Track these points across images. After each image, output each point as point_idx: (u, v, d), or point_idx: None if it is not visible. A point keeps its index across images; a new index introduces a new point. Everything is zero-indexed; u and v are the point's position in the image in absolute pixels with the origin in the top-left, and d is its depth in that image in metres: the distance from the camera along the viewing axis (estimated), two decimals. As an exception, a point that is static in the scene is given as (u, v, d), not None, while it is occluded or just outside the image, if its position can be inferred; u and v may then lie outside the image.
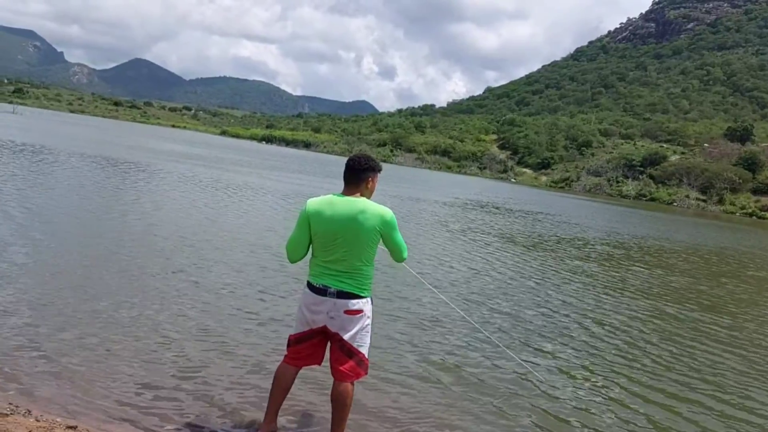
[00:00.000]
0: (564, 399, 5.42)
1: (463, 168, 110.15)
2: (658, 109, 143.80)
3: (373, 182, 3.96)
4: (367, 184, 3.92)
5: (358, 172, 3.89)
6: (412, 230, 16.56)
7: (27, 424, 3.70)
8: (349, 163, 3.92)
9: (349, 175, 3.90)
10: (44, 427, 3.71)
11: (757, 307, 12.03)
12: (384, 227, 3.80)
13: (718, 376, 6.74)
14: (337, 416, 3.91)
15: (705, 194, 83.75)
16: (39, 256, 7.93)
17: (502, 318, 8.03)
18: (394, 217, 3.86)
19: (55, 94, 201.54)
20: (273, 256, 9.98)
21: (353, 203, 3.80)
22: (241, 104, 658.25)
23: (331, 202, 3.82)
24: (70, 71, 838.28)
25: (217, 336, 5.85)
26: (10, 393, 4.17)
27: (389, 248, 3.92)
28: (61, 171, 18.71)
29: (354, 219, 3.74)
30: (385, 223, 3.80)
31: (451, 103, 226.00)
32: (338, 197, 3.85)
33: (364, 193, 3.90)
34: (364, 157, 3.96)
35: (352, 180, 3.89)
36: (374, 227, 3.76)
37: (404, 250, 3.96)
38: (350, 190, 3.88)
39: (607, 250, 18.73)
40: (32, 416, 3.86)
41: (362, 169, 3.89)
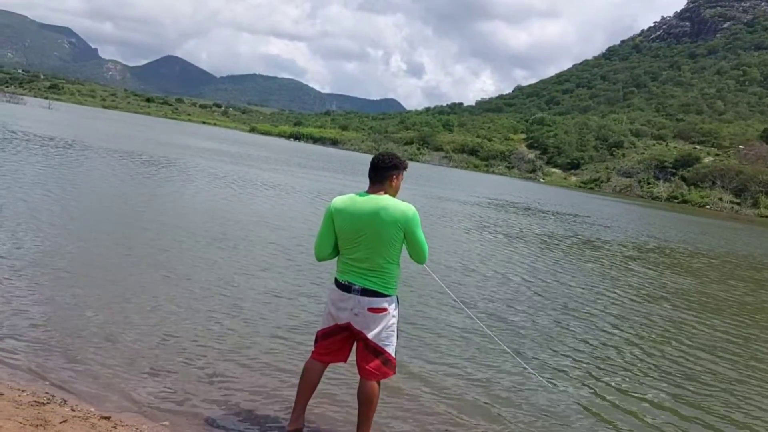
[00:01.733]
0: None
1: (490, 167, 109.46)
2: (692, 109, 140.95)
3: (397, 180, 3.95)
4: (391, 182, 3.91)
5: (383, 170, 3.89)
6: (438, 231, 16.52)
7: (63, 413, 3.79)
8: (374, 161, 3.93)
9: (373, 173, 3.91)
10: (79, 416, 3.79)
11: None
12: (406, 224, 3.76)
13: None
14: (363, 414, 3.93)
15: (739, 197, 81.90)
16: (76, 250, 8.09)
17: (527, 329, 7.96)
18: (417, 215, 3.83)
19: (89, 90, 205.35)
20: (306, 255, 10.04)
21: (376, 201, 3.79)
22: (270, 101, 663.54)
23: (354, 200, 3.83)
24: (103, 67, 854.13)
25: (246, 333, 5.90)
26: (47, 383, 4.27)
27: (409, 246, 3.86)
28: (98, 166, 19.08)
29: (376, 216, 3.74)
30: (407, 219, 3.77)
31: (480, 101, 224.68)
32: (362, 195, 3.86)
33: (389, 191, 3.90)
34: (389, 155, 3.96)
35: (377, 178, 3.89)
36: (396, 224, 3.74)
37: (425, 250, 3.89)
38: (375, 188, 3.89)
39: (652, 256, 18.46)
40: (68, 406, 3.95)
41: (386, 167, 3.89)
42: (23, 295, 5.93)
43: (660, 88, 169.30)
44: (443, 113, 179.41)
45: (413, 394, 5.02)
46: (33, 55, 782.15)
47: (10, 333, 4.98)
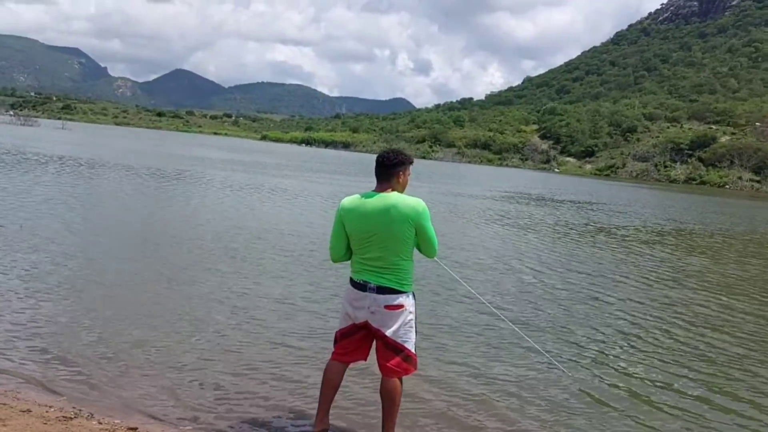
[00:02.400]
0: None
1: (504, 160, 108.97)
2: (705, 89, 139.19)
3: (404, 176, 3.93)
4: (398, 179, 3.89)
5: (388, 168, 3.87)
6: (453, 226, 16.48)
7: (90, 427, 3.82)
8: (379, 160, 3.91)
9: (379, 171, 3.89)
10: (107, 429, 3.82)
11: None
12: (417, 219, 3.74)
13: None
14: (387, 412, 3.91)
15: (759, 175, 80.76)
16: (94, 266, 8.18)
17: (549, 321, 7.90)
18: (427, 209, 3.81)
19: (101, 108, 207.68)
20: (318, 260, 10.06)
21: (384, 199, 3.78)
22: (280, 108, 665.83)
23: (362, 200, 3.82)
24: (113, 85, 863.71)
25: (265, 341, 5.92)
26: (74, 398, 4.30)
27: (420, 241, 3.83)
28: (113, 182, 19.29)
29: (386, 214, 3.72)
30: (417, 214, 3.74)
31: (490, 95, 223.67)
32: (369, 194, 3.84)
33: (396, 188, 3.87)
34: (393, 152, 3.95)
35: (383, 176, 3.88)
36: (406, 220, 3.72)
37: (435, 244, 3.88)
38: (382, 186, 3.87)
39: (669, 240, 18.27)
40: (95, 419, 3.98)
41: (392, 164, 3.87)
42: (45, 313, 5.99)
43: (671, 70, 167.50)
44: (453, 109, 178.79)
45: (435, 390, 4.99)
46: (44, 77, 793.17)
47: (32, 351, 5.04)
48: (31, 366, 4.76)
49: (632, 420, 4.77)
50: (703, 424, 4.79)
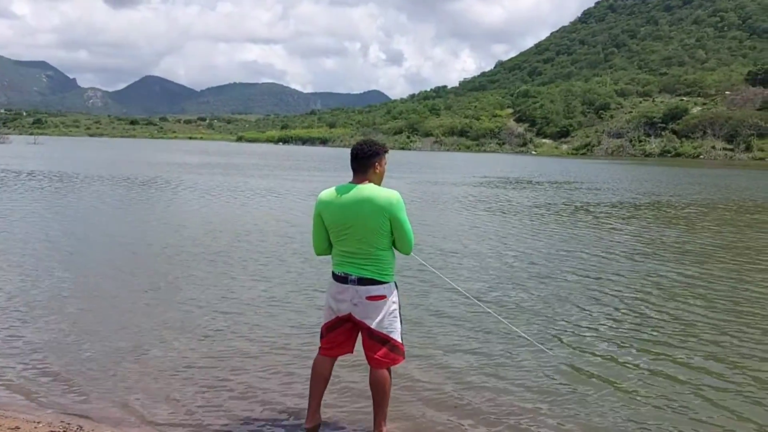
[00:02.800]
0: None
1: (482, 146, 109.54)
2: (674, 62, 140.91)
3: (380, 166, 3.91)
4: (374, 170, 3.88)
5: (363, 160, 3.86)
6: (431, 214, 16.54)
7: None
8: (353, 152, 3.90)
9: (356, 164, 3.88)
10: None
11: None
12: (390, 210, 3.73)
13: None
14: (377, 403, 3.94)
15: (731, 143, 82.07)
16: (72, 276, 8.11)
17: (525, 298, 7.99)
18: (402, 200, 3.80)
19: (72, 120, 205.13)
20: (299, 256, 10.06)
21: (359, 191, 3.78)
22: (254, 108, 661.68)
23: (338, 193, 3.82)
24: (84, 96, 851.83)
25: (251, 342, 5.91)
26: (61, 412, 4.28)
27: (395, 234, 3.80)
28: (90, 194, 19.08)
29: (360, 206, 3.73)
30: (391, 205, 3.74)
31: (463, 81, 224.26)
32: (346, 187, 3.84)
33: (373, 179, 3.87)
34: (367, 144, 3.93)
35: (359, 168, 3.87)
36: (381, 212, 3.72)
37: (410, 238, 3.84)
38: (359, 178, 3.86)
39: (645, 213, 18.51)
40: (84, 431, 3.96)
41: (367, 155, 3.86)
42: (28, 328, 5.94)
43: (640, 45, 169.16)
44: (428, 98, 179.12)
45: (422, 379, 5.04)
46: (12, 93, 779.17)
47: (17, 367, 4.99)
48: (17, 382, 4.72)
49: (615, 395, 4.85)
50: (687, 397, 4.88)
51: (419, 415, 4.37)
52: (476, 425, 4.23)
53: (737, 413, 4.50)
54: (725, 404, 4.64)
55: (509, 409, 4.48)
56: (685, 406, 4.59)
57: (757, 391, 4.89)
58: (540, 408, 4.51)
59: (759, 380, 5.11)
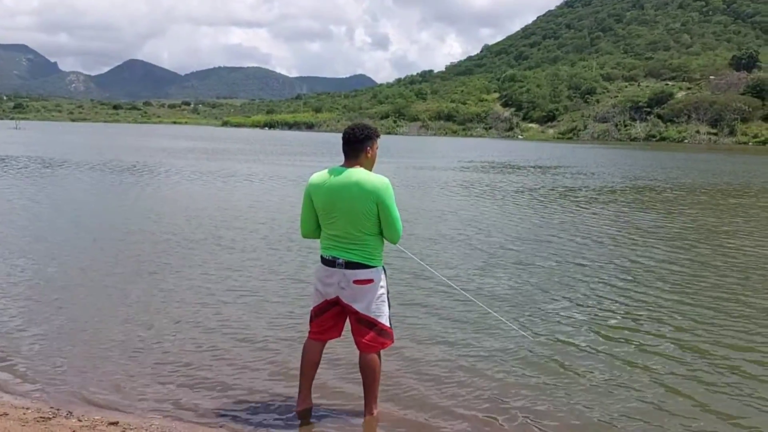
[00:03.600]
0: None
1: (468, 130, 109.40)
2: (660, 46, 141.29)
3: (372, 150, 3.88)
4: (366, 154, 3.86)
5: (355, 143, 3.83)
6: (417, 199, 16.56)
7: (70, 425, 3.80)
8: (345, 136, 3.86)
9: (347, 148, 3.85)
10: (87, 426, 3.80)
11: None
12: (378, 195, 3.71)
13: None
14: (368, 387, 3.98)
15: (715, 127, 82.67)
16: (58, 263, 8.05)
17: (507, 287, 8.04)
18: (390, 187, 3.77)
19: (54, 105, 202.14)
20: (287, 241, 10.04)
21: (349, 175, 3.76)
22: (239, 93, 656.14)
23: (329, 175, 3.80)
24: (66, 80, 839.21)
25: (240, 326, 5.92)
26: (50, 398, 4.27)
27: (382, 221, 3.78)
28: (76, 180, 18.87)
29: (348, 190, 3.71)
30: (378, 190, 3.72)
31: (450, 66, 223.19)
32: (337, 170, 3.82)
33: (365, 164, 3.85)
34: (359, 127, 3.89)
35: (351, 152, 3.84)
36: (368, 197, 3.70)
37: (398, 226, 3.82)
38: (350, 162, 3.84)
39: (625, 197, 18.64)
40: (74, 417, 3.95)
41: (358, 140, 3.83)
42: (11, 316, 5.89)
43: (625, 29, 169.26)
44: (415, 83, 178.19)
45: (410, 365, 5.07)
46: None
47: (4, 353, 4.96)
48: (3, 370, 4.69)
49: (597, 377, 4.92)
50: (669, 379, 4.96)
51: (409, 397, 4.40)
52: (462, 407, 4.27)
53: (707, 401, 4.58)
54: (692, 389, 4.73)
55: (492, 392, 4.52)
56: (661, 390, 4.66)
57: (735, 379, 4.97)
58: (522, 391, 4.56)
59: (736, 368, 5.20)
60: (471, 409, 4.24)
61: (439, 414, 4.16)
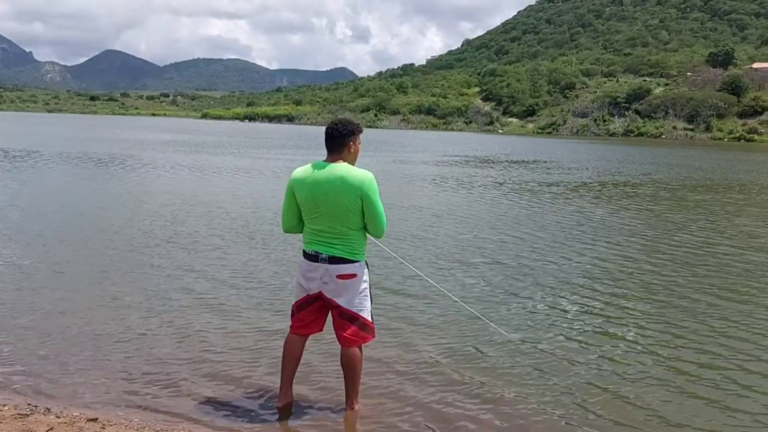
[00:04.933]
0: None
1: (449, 124, 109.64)
2: (638, 42, 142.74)
3: (355, 145, 3.89)
4: (349, 149, 3.86)
5: (338, 138, 3.83)
6: (395, 195, 16.58)
7: (48, 422, 3.77)
8: (328, 131, 3.86)
9: (330, 143, 3.85)
10: (65, 422, 3.77)
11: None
12: (362, 189, 3.72)
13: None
14: (349, 381, 3.99)
15: (692, 123, 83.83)
16: (37, 252, 7.94)
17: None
18: (375, 182, 3.79)
19: (30, 95, 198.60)
20: (269, 237, 10.01)
21: (333, 169, 3.76)
22: (219, 85, 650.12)
23: (312, 170, 3.80)
24: (41, 71, 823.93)
25: (224, 314, 5.90)
26: (28, 395, 4.21)
27: (366, 216, 3.79)
28: (54, 173, 18.59)
29: (333, 185, 3.72)
30: (363, 185, 3.73)
31: (431, 59, 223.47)
32: (320, 164, 3.81)
33: (348, 158, 3.85)
34: (342, 122, 3.89)
35: (334, 147, 3.84)
36: (353, 191, 3.71)
37: (382, 221, 3.83)
38: (333, 157, 3.84)
39: (602, 193, 18.84)
40: (52, 413, 3.92)
41: (342, 134, 3.83)
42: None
43: (605, 25, 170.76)
44: (396, 76, 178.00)
45: (390, 361, 5.10)
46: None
47: (-18, 351, 4.90)
48: (-21, 366, 4.63)
49: (572, 376, 4.99)
50: (647, 376, 5.05)
51: (390, 392, 4.43)
52: (442, 402, 4.31)
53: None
54: (670, 382, 4.83)
55: (471, 387, 4.56)
56: (636, 385, 4.75)
57: (718, 373, 5.08)
58: (498, 385, 4.62)
59: (724, 367, 5.31)
60: (450, 405, 4.27)
61: (419, 409, 4.19)
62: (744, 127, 79.63)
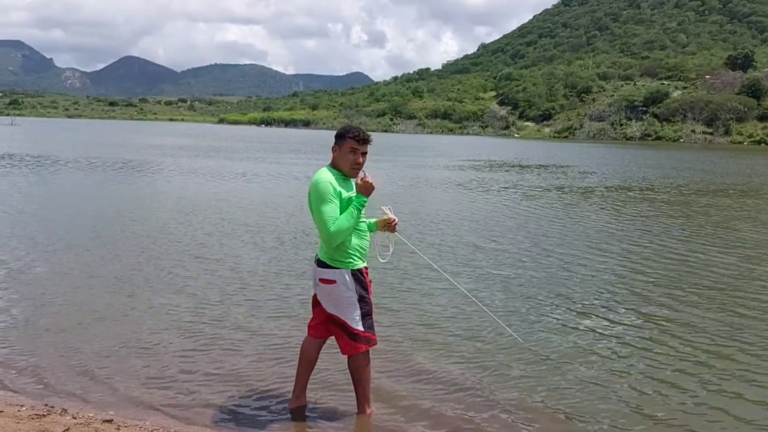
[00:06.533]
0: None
1: (465, 129, 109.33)
2: (656, 46, 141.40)
3: (339, 150, 3.80)
4: (333, 151, 3.86)
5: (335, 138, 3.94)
6: (412, 197, 16.57)
7: (65, 422, 3.82)
8: None
9: None
10: (81, 423, 3.82)
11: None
12: (309, 194, 3.77)
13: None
14: (356, 387, 4.02)
15: (711, 127, 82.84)
16: (56, 257, 8.04)
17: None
18: (319, 182, 3.67)
19: (50, 101, 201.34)
20: (291, 238, 10.05)
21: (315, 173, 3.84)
22: (236, 90, 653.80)
23: None
24: (61, 77, 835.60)
25: (237, 319, 5.93)
26: (45, 396, 4.28)
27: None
28: (77, 177, 18.83)
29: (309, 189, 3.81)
30: (310, 188, 3.76)
31: (446, 64, 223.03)
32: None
33: (335, 161, 3.84)
34: (343, 126, 3.98)
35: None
36: (309, 195, 3.78)
37: (324, 224, 3.64)
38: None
39: (619, 196, 18.69)
40: (68, 414, 3.97)
41: (335, 135, 3.93)
42: (4, 312, 5.90)
43: (622, 28, 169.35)
44: (411, 80, 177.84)
45: (397, 365, 5.10)
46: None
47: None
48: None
49: (583, 379, 4.96)
50: (656, 381, 5.00)
51: (403, 396, 4.42)
52: (453, 408, 4.30)
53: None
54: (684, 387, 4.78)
55: (483, 394, 4.55)
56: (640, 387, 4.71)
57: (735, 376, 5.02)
58: (512, 392, 4.60)
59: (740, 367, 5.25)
60: (465, 411, 4.26)
61: (433, 414, 4.18)
62: (764, 130, 78.53)
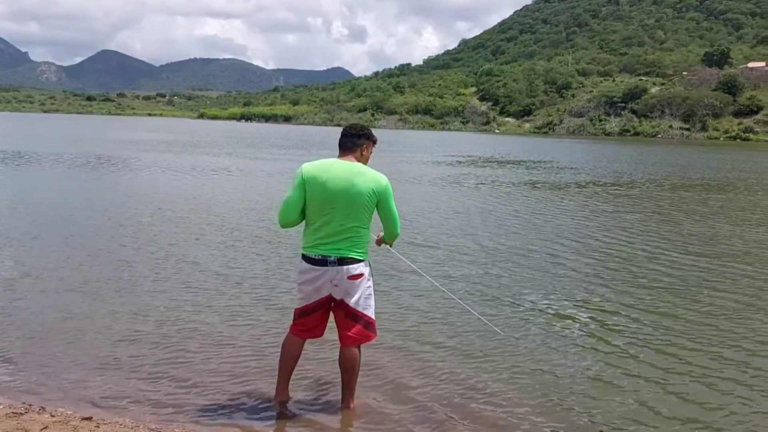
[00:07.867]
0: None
1: (446, 124, 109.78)
2: (634, 42, 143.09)
3: (367, 150, 3.99)
4: (362, 151, 3.94)
5: (354, 138, 3.92)
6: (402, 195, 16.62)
7: (43, 420, 3.75)
8: (345, 130, 3.99)
9: (345, 141, 3.92)
10: (60, 421, 3.76)
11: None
12: (380, 191, 3.79)
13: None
14: (346, 381, 3.99)
15: (688, 122, 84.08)
16: (31, 255, 7.91)
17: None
18: (390, 185, 3.88)
19: (25, 96, 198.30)
20: (272, 231, 10.00)
21: (350, 166, 3.80)
22: (215, 84, 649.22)
23: (327, 166, 3.80)
24: (37, 71, 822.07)
25: (219, 313, 5.88)
26: (23, 394, 4.20)
27: (383, 218, 3.91)
28: (52, 173, 18.54)
29: (351, 182, 3.72)
30: (381, 186, 3.79)
31: (427, 59, 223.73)
32: (334, 161, 3.84)
33: (360, 160, 3.92)
34: (360, 126, 4.05)
35: (348, 145, 3.91)
36: (371, 191, 3.75)
37: (398, 222, 3.99)
38: (345, 156, 3.88)
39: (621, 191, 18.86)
40: (46, 412, 3.90)
41: (358, 135, 3.93)
42: (-15, 311, 5.79)
43: (601, 25, 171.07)
44: (392, 76, 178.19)
45: (384, 360, 5.10)
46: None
47: (-24, 350, 4.88)
48: (-27, 366, 4.61)
49: (561, 370, 5.00)
50: (647, 376, 5.06)
51: (386, 390, 4.42)
52: (436, 400, 4.30)
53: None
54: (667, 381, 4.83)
55: (466, 387, 4.56)
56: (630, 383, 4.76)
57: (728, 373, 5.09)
58: (494, 384, 4.61)
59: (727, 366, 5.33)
60: (446, 403, 4.26)
61: (415, 407, 4.17)
62: (740, 126, 79.95)
